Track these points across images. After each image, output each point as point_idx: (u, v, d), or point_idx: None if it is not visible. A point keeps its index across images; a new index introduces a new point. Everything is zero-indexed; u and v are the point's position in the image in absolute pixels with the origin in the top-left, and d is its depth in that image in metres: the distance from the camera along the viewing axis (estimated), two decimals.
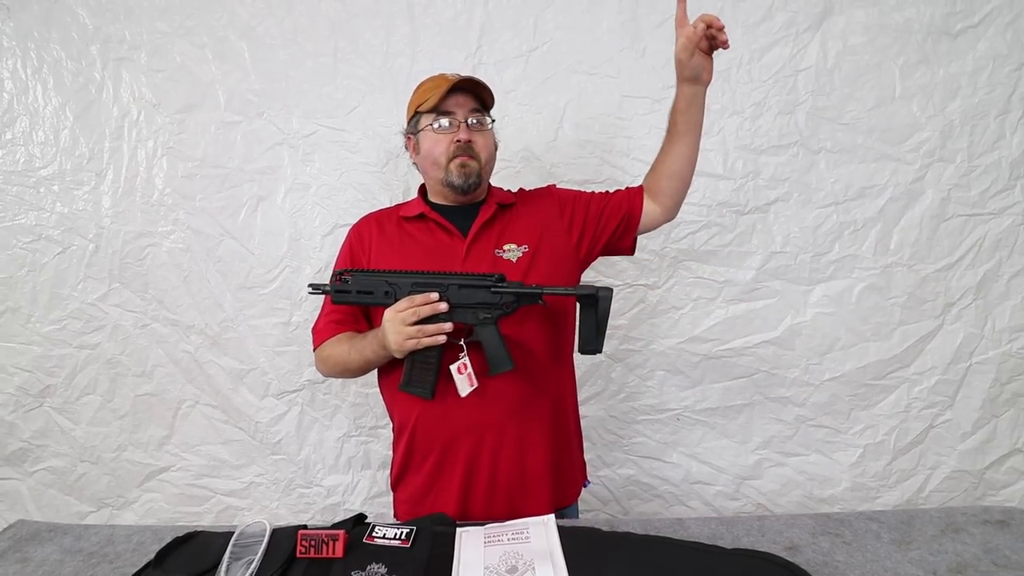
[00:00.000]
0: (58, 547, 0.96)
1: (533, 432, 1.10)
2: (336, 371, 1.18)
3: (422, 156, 1.16)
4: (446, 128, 1.11)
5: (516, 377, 1.06)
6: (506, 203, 1.20)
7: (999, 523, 0.96)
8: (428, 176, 1.18)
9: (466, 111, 1.12)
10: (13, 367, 1.67)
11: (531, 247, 1.14)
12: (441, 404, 1.06)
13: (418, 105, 1.14)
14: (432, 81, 1.16)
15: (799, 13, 1.57)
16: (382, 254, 1.15)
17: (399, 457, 1.15)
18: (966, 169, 1.59)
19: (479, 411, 1.06)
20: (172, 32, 1.59)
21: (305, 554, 0.82)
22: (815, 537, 0.92)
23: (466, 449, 1.08)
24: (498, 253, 1.12)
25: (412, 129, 1.18)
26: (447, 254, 1.12)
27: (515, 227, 1.17)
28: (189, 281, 1.65)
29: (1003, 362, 1.63)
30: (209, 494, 1.71)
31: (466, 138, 1.11)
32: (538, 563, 0.78)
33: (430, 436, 1.10)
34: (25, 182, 1.63)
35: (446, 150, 1.11)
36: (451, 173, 1.11)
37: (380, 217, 1.23)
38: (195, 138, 1.62)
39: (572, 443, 1.21)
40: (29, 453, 1.70)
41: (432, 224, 1.16)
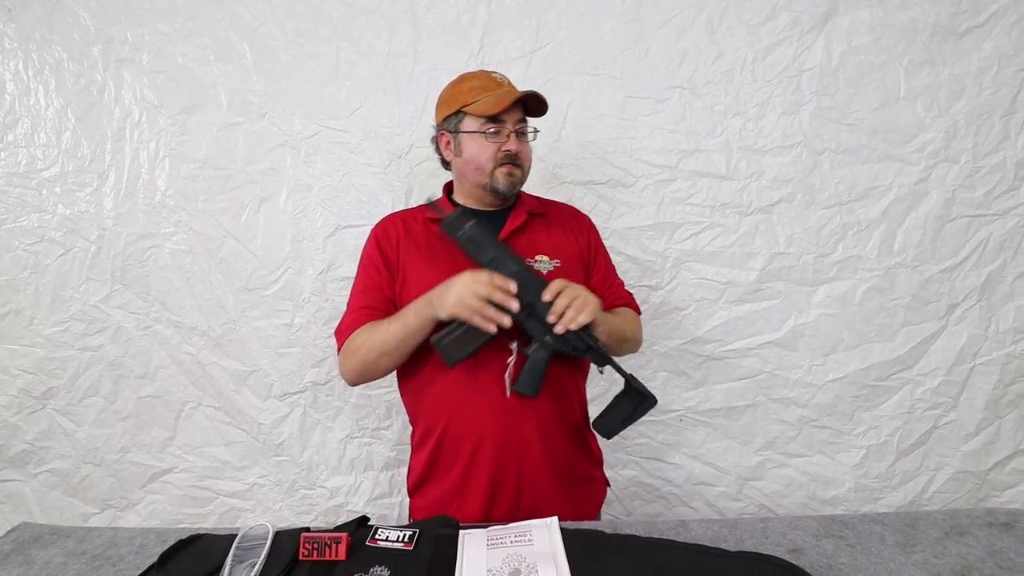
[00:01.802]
0: (61, 550, 0.96)
1: (560, 447, 1.09)
2: (367, 360, 1.08)
3: (464, 159, 1.12)
4: (495, 136, 1.09)
5: (550, 393, 1.06)
6: (536, 211, 1.18)
7: (1004, 525, 0.95)
8: (466, 179, 1.15)
9: (515, 120, 1.11)
10: (16, 369, 1.67)
11: (562, 263, 1.13)
12: (471, 414, 1.06)
13: (464, 104, 1.10)
14: (480, 81, 1.12)
15: (803, 13, 1.56)
16: (409, 254, 1.13)
17: (422, 463, 1.13)
18: (971, 170, 1.58)
19: (509, 424, 1.05)
20: (174, 33, 1.59)
21: (308, 557, 0.81)
22: (818, 539, 0.91)
23: (493, 461, 1.06)
24: (529, 263, 1.09)
25: (452, 127, 1.13)
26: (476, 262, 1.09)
27: (547, 239, 1.16)
28: (191, 283, 1.65)
29: (1007, 363, 1.62)
30: (212, 495, 1.71)
31: (516, 149, 1.10)
32: (541, 566, 0.77)
33: (458, 446, 1.08)
34: (27, 184, 1.64)
35: (494, 156, 1.09)
36: (497, 180, 1.10)
37: (405, 217, 1.20)
38: (197, 139, 1.62)
39: (595, 457, 1.21)
40: (32, 455, 1.71)
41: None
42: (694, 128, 1.59)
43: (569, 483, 1.11)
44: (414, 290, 1.07)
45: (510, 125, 1.10)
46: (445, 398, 1.08)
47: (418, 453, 1.15)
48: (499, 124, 1.09)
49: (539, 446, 1.07)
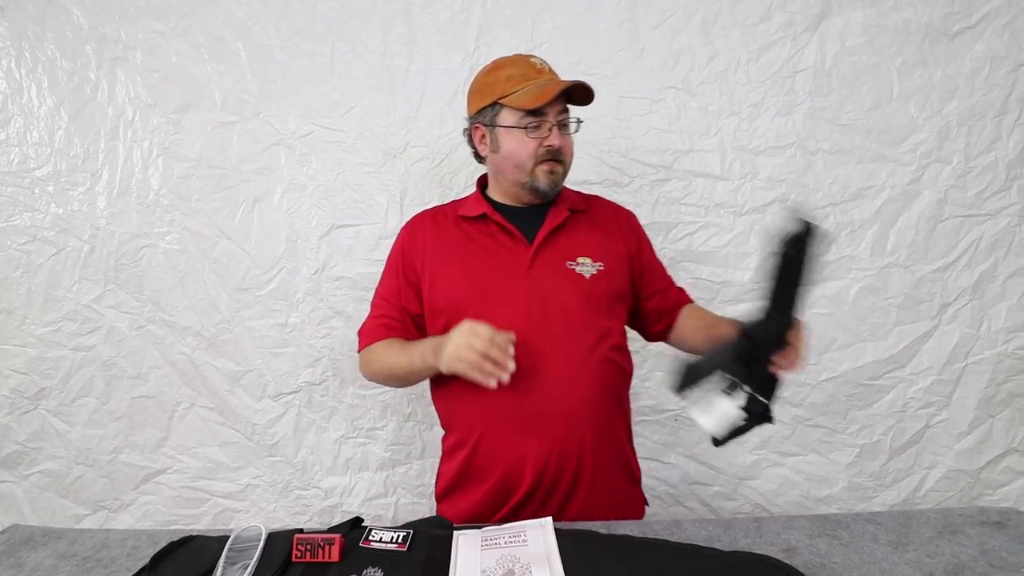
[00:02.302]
0: (52, 552, 0.95)
1: (600, 465, 1.02)
2: (380, 376, 1.11)
3: (501, 155, 1.05)
4: (536, 132, 1.01)
5: (596, 410, 1.01)
6: (578, 208, 1.11)
7: (996, 524, 0.96)
8: (503, 176, 1.08)
9: (556, 112, 1.02)
10: (8, 369, 1.66)
11: (606, 267, 1.05)
12: (508, 430, 0.99)
13: (502, 96, 1.02)
14: (519, 69, 1.03)
15: (797, 14, 1.56)
16: (438, 256, 1.07)
17: (452, 471, 1.07)
18: (963, 170, 1.59)
19: (548, 442, 0.98)
20: (168, 32, 1.58)
21: (301, 558, 0.81)
22: (812, 539, 0.92)
23: (530, 478, 0.99)
24: (570, 265, 1.03)
25: (487, 120, 1.05)
26: (510, 261, 1.03)
27: (590, 238, 1.08)
28: (185, 282, 1.64)
29: (999, 362, 1.63)
30: (206, 496, 1.70)
31: (559, 144, 1.02)
32: (535, 566, 0.77)
33: (492, 460, 1.01)
34: (19, 183, 1.62)
35: (534, 153, 1.02)
36: (537, 179, 1.03)
37: (436, 214, 1.14)
38: (191, 138, 1.61)
39: (634, 477, 1.15)
40: (24, 456, 1.69)
41: (494, 226, 1.06)
42: (689, 128, 1.59)
43: (607, 501, 1.04)
44: (442, 294, 1.05)
45: (552, 118, 1.01)
46: (481, 410, 1.01)
47: (449, 460, 1.10)
48: (540, 117, 1.01)
49: (578, 464, 1.00)
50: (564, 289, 1.02)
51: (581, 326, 1.01)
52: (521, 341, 0.94)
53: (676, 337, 1.19)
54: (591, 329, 1.02)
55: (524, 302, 1.01)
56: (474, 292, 1.03)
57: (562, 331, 1.00)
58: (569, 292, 1.02)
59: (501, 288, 1.02)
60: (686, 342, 1.16)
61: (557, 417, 0.98)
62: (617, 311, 1.08)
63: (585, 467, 1.00)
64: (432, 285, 1.07)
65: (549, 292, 1.01)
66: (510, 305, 1.00)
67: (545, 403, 0.98)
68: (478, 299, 1.02)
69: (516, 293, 1.01)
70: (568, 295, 1.02)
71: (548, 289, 1.02)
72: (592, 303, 1.03)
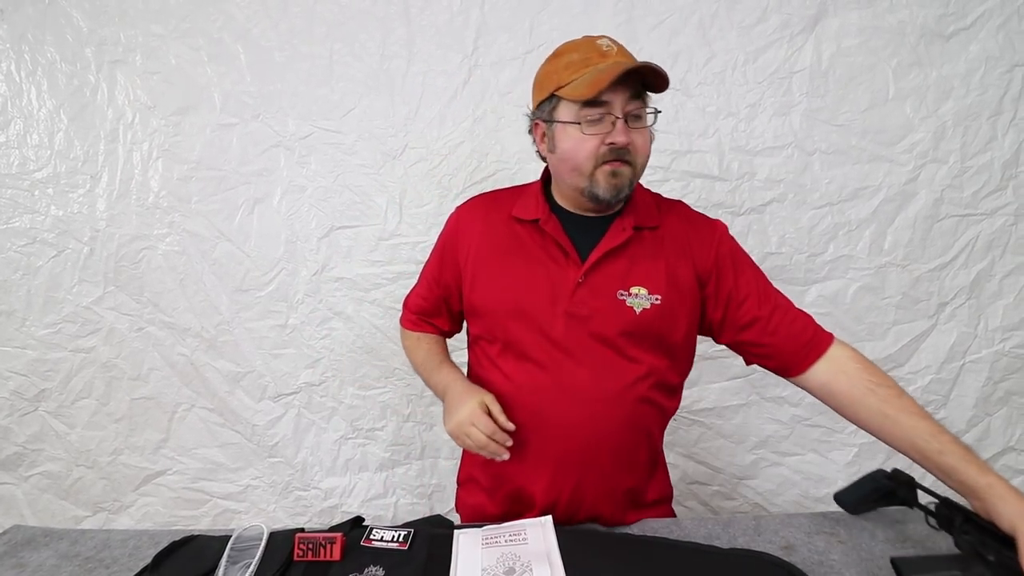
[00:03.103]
0: (54, 552, 0.95)
1: (622, 473, 0.96)
2: (411, 364, 1.14)
3: (558, 156, 0.89)
4: (597, 126, 0.84)
5: (613, 448, 0.94)
6: (647, 225, 0.94)
7: None
8: (562, 180, 0.92)
9: (624, 101, 0.84)
10: (8, 371, 1.67)
11: (663, 301, 0.90)
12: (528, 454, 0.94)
13: (559, 86, 0.86)
14: (580, 52, 0.86)
15: (793, 15, 1.57)
16: (482, 256, 0.97)
17: (477, 459, 1.01)
18: (959, 170, 1.59)
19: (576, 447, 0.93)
20: (167, 34, 1.59)
21: (303, 557, 0.82)
22: (810, 536, 0.92)
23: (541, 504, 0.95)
24: (621, 295, 0.90)
25: (545, 114, 0.90)
26: (555, 279, 0.92)
27: (652, 264, 0.92)
28: (185, 284, 1.65)
29: (996, 361, 1.64)
30: (206, 497, 1.71)
31: (624, 141, 0.84)
32: (535, 564, 0.78)
33: (508, 474, 0.97)
34: (19, 185, 1.63)
35: (594, 153, 0.85)
36: (597, 184, 0.86)
37: (489, 207, 1.01)
38: (190, 140, 1.62)
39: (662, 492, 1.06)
40: (24, 458, 1.70)
41: (548, 237, 0.93)
42: (686, 129, 1.60)
43: (630, 509, 0.99)
44: (480, 299, 0.97)
45: (617, 109, 0.83)
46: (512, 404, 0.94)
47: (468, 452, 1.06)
48: (601, 108, 0.84)
49: (603, 470, 0.94)
50: (607, 321, 0.90)
51: (618, 363, 0.91)
52: (551, 373, 0.91)
53: (828, 397, 0.93)
54: (630, 367, 0.91)
55: (561, 328, 0.91)
56: (510, 307, 0.94)
57: (596, 366, 0.90)
58: (612, 325, 0.90)
59: (539, 309, 0.92)
60: (849, 413, 0.93)
61: (575, 455, 0.92)
62: (671, 348, 0.95)
63: (586, 491, 0.95)
64: (472, 286, 0.99)
65: (589, 321, 0.90)
66: (543, 328, 0.92)
67: (565, 439, 0.92)
68: (513, 315, 0.94)
69: (554, 317, 0.91)
70: (610, 328, 0.90)
71: (589, 318, 0.90)
72: (637, 339, 0.91)
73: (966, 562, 0.76)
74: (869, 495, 0.95)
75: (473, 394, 0.91)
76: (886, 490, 0.94)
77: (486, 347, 0.99)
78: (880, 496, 0.94)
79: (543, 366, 0.92)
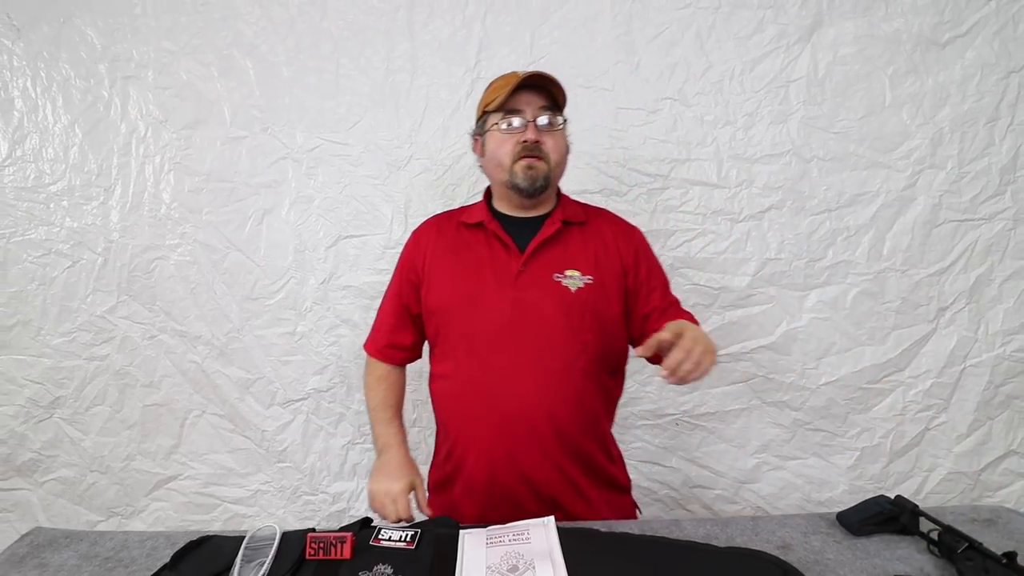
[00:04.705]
0: (74, 553, 0.98)
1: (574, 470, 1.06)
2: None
3: (487, 157, 1.09)
4: (514, 128, 1.04)
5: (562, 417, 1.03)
6: (574, 220, 1.11)
7: (986, 521, 0.99)
8: (493, 179, 1.12)
9: (535, 109, 1.04)
10: (24, 379, 1.70)
11: (595, 280, 1.05)
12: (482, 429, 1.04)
13: (486, 104, 1.08)
14: (502, 79, 1.09)
15: (790, 25, 1.60)
16: (436, 262, 1.12)
17: (439, 461, 1.17)
18: (957, 175, 1.61)
19: (518, 446, 1.03)
20: (178, 51, 1.64)
21: (314, 556, 0.84)
22: (807, 536, 0.94)
23: (501, 479, 1.05)
24: (557, 278, 1.04)
25: (479, 129, 1.12)
26: (500, 269, 1.06)
27: (582, 250, 1.08)
28: (196, 293, 1.68)
29: (997, 365, 1.65)
30: (216, 502, 1.74)
31: (534, 138, 1.03)
32: (538, 562, 0.80)
33: (468, 455, 1.07)
34: (35, 198, 1.67)
35: (512, 151, 1.04)
36: (516, 175, 1.04)
37: (441, 221, 1.19)
38: (201, 153, 1.66)
39: (619, 485, 1.16)
40: (39, 463, 1.73)
41: (490, 234, 1.09)
42: (685, 138, 1.62)
43: (583, 506, 1.07)
44: (435, 297, 1.11)
45: (529, 114, 1.04)
46: (462, 412, 1.08)
47: (439, 451, 1.19)
48: (517, 115, 1.04)
49: (546, 469, 1.04)
50: (547, 301, 1.03)
51: (560, 338, 1.03)
52: (500, 348, 1.02)
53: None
54: (570, 342, 1.03)
55: (507, 310, 1.04)
56: (461, 298, 1.07)
57: (540, 342, 1.02)
58: (551, 304, 1.03)
59: (487, 296, 1.05)
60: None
61: (527, 423, 1.02)
62: (606, 326, 1.07)
63: (551, 473, 1.04)
64: (428, 288, 1.12)
65: (532, 303, 1.03)
66: (493, 312, 1.04)
67: (518, 409, 1.02)
68: (464, 305, 1.07)
69: (501, 301, 1.04)
70: (550, 307, 1.03)
71: (532, 300, 1.03)
72: (576, 316, 1.03)
73: None
74: (871, 518, 0.97)
75: (405, 474, 1.10)
76: (889, 515, 0.96)
77: (443, 344, 1.11)
78: (882, 520, 0.96)
79: (494, 348, 1.03)
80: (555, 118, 1.07)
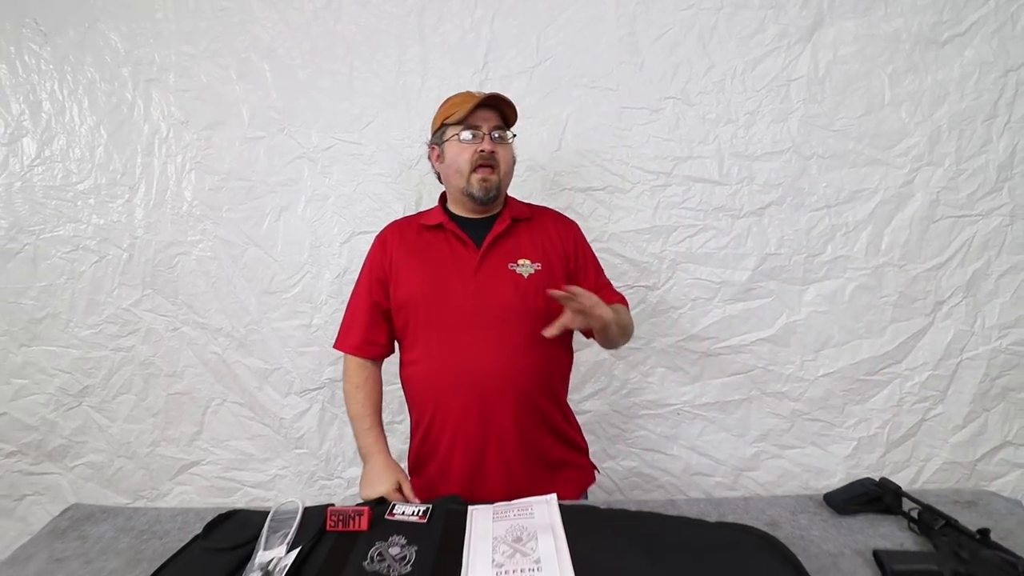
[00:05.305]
0: (111, 526, 1.06)
1: (535, 437, 1.20)
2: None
3: (446, 164, 1.23)
4: (471, 140, 1.19)
5: (522, 381, 1.17)
6: (521, 217, 1.27)
7: (968, 503, 1.03)
8: (450, 184, 1.26)
9: (490, 125, 1.21)
10: (53, 369, 1.79)
11: (543, 266, 1.21)
12: (456, 398, 1.16)
13: (446, 117, 1.22)
14: (460, 97, 1.24)
15: (791, 25, 1.64)
16: (401, 262, 1.24)
17: (415, 445, 1.27)
18: (954, 172, 1.65)
19: (486, 417, 1.16)
20: (198, 54, 1.70)
21: (334, 528, 0.91)
22: (794, 515, 1.00)
23: (469, 452, 1.17)
24: (511, 267, 1.20)
25: (438, 140, 1.25)
26: (460, 263, 1.20)
27: (530, 243, 1.24)
28: (217, 287, 1.76)
29: (993, 358, 1.69)
30: (237, 486, 1.82)
31: (490, 149, 1.19)
32: (540, 533, 0.87)
33: (440, 436, 1.20)
34: (63, 196, 1.75)
35: (470, 159, 1.19)
36: (472, 185, 1.19)
37: (402, 225, 1.32)
38: (221, 153, 1.73)
39: (577, 446, 1.30)
40: (69, 449, 1.82)
41: (449, 234, 1.23)
42: (687, 136, 1.67)
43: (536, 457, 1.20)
44: (404, 291, 1.23)
45: (485, 129, 1.20)
46: (436, 388, 1.19)
47: (413, 438, 1.29)
48: (475, 129, 1.19)
49: (514, 438, 1.17)
50: (504, 287, 1.18)
51: (517, 318, 1.17)
52: (467, 330, 1.16)
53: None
54: (526, 320, 1.17)
55: (471, 298, 1.17)
56: (428, 290, 1.20)
57: (500, 322, 1.17)
58: (508, 289, 1.18)
59: (451, 287, 1.19)
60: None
61: (491, 386, 1.16)
62: (555, 306, 1.18)
63: (517, 433, 1.17)
64: (396, 284, 1.24)
65: (491, 290, 1.18)
66: (458, 300, 1.18)
67: (483, 380, 1.16)
68: (431, 296, 1.19)
69: (464, 291, 1.18)
70: (507, 292, 1.18)
71: (491, 287, 1.18)
72: (528, 298, 1.18)
73: (942, 558, 0.83)
74: (856, 498, 1.02)
75: (389, 476, 1.17)
76: (873, 496, 1.01)
77: (412, 333, 1.23)
78: (867, 501, 1.01)
79: (461, 330, 1.16)
80: (505, 133, 1.24)
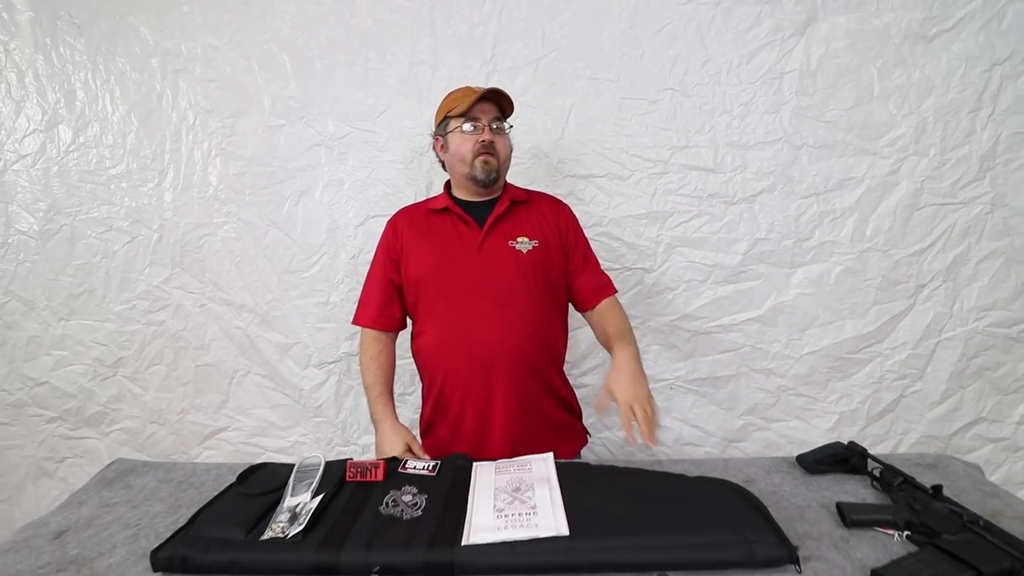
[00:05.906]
0: (153, 478, 1.19)
1: (535, 400, 1.32)
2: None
3: (450, 154, 1.35)
4: (472, 131, 1.31)
5: (525, 347, 1.29)
6: (519, 200, 1.39)
7: (929, 466, 1.14)
8: (454, 171, 1.38)
9: (489, 117, 1.33)
10: (91, 341, 1.92)
11: (540, 244, 1.34)
12: (463, 366, 1.29)
13: (448, 110, 1.34)
14: (461, 91, 1.36)
15: (785, 20, 1.70)
16: (412, 243, 1.37)
17: (428, 411, 1.39)
18: (938, 162, 1.72)
19: (490, 381, 1.28)
20: (223, 46, 1.79)
21: (353, 478, 1.04)
22: (768, 473, 1.11)
23: (482, 404, 1.30)
24: (511, 244, 1.32)
25: (441, 131, 1.37)
26: (465, 242, 1.33)
27: (528, 222, 1.36)
28: (240, 266, 1.87)
29: (970, 339, 1.78)
30: (260, 451, 1.95)
31: (489, 139, 1.31)
32: (537, 485, 0.98)
33: (453, 388, 1.32)
34: (97, 180, 1.86)
35: (472, 148, 1.31)
36: (476, 168, 1.31)
37: (411, 211, 1.44)
38: (244, 140, 1.82)
39: (574, 411, 1.45)
40: (105, 416, 1.96)
41: (454, 216, 1.35)
42: (684, 126, 1.75)
43: (538, 418, 1.33)
44: (414, 269, 1.34)
45: (485, 121, 1.31)
46: (446, 356, 1.31)
47: (426, 402, 1.41)
48: (476, 120, 1.31)
49: (517, 399, 1.29)
50: (506, 262, 1.31)
51: (518, 289, 1.30)
52: (473, 301, 1.28)
53: (591, 324, 1.42)
54: (526, 291, 1.30)
55: (477, 273, 1.30)
56: (437, 267, 1.32)
57: (503, 294, 1.29)
58: (510, 264, 1.31)
59: (457, 263, 1.31)
60: (597, 337, 1.40)
61: (496, 351, 1.27)
62: (551, 278, 1.35)
63: (521, 395, 1.29)
64: (407, 263, 1.36)
65: (494, 265, 1.31)
66: (464, 275, 1.30)
67: (489, 345, 1.27)
68: (439, 272, 1.32)
69: (470, 266, 1.30)
70: (509, 266, 1.31)
71: (494, 263, 1.31)
72: (527, 271, 1.31)
73: (897, 510, 0.94)
74: (826, 459, 1.13)
75: (398, 439, 1.31)
76: (841, 457, 1.12)
77: (424, 306, 1.34)
78: (835, 461, 1.12)
79: (468, 301, 1.28)
80: (503, 124, 1.36)
